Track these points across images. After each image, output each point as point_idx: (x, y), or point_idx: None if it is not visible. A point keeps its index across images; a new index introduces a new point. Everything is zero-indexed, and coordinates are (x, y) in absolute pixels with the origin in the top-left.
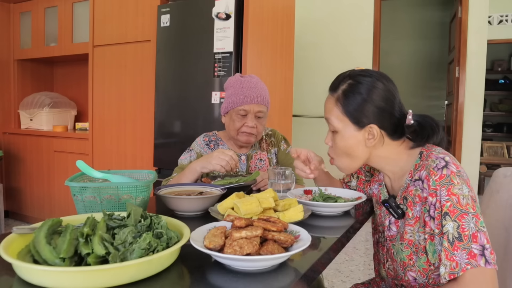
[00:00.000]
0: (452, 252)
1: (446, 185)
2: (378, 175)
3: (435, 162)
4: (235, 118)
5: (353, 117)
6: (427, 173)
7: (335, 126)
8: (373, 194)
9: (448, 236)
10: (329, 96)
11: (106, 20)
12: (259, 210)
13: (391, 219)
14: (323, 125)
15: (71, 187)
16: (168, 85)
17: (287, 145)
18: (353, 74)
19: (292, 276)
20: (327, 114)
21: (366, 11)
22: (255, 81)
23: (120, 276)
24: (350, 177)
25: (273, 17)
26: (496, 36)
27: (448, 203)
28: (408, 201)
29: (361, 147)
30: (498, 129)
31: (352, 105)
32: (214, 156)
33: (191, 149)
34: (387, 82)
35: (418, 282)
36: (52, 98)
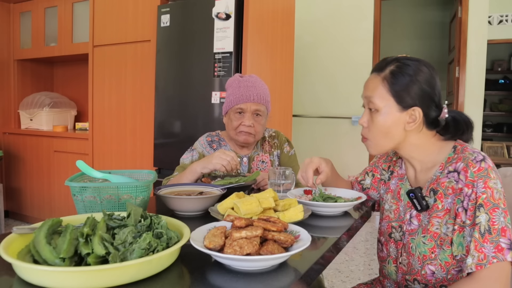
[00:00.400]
0: (482, 244)
1: (484, 178)
2: (398, 171)
3: (473, 155)
4: (232, 117)
5: (398, 97)
6: (465, 165)
7: (378, 105)
8: (390, 190)
9: (480, 228)
10: (373, 75)
11: (106, 20)
12: (259, 210)
13: (413, 212)
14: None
15: (71, 187)
16: (168, 85)
17: (290, 148)
18: (400, 58)
19: (292, 276)
20: (370, 92)
21: (366, 11)
22: (253, 80)
23: (120, 276)
24: (365, 175)
25: (273, 17)
26: (496, 36)
27: (483, 195)
28: (438, 193)
29: (400, 129)
30: (498, 129)
31: (399, 85)
32: (215, 156)
33: (194, 148)
34: (432, 70)
35: (436, 276)
36: (52, 98)
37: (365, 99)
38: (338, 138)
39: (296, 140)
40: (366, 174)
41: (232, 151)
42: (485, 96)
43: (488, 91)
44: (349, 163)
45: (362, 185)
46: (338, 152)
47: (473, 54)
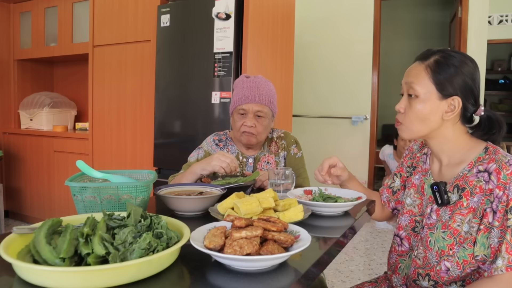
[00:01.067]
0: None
1: None
2: (422, 166)
3: (506, 157)
4: (236, 117)
5: (440, 85)
6: (498, 167)
7: (418, 91)
8: (413, 185)
9: (511, 230)
10: (417, 63)
11: (106, 20)
12: (259, 210)
13: (433, 207)
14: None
15: (71, 187)
16: (168, 85)
17: (298, 150)
18: (446, 50)
19: (292, 276)
20: (411, 78)
21: (366, 11)
22: (258, 81)
23: (120, 276)
24: (393, 177)
25: (273, 17)
26: (496, 36)
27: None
28: (464, 191)
29: (437, 117)
30: None
31: (442, 74)
32: (215, 158)
33: (200, 147)
34: (475, 65)
35: (450, 274)
36: (52, 98)
37: (405, 85)
38: (338, 138)
39: None
40: (395, 176)
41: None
42: (485, 96)
43: (488, 91)
44: (349, 163)
45: (392, 189)
46: (338, 152)
47: (473, 54)
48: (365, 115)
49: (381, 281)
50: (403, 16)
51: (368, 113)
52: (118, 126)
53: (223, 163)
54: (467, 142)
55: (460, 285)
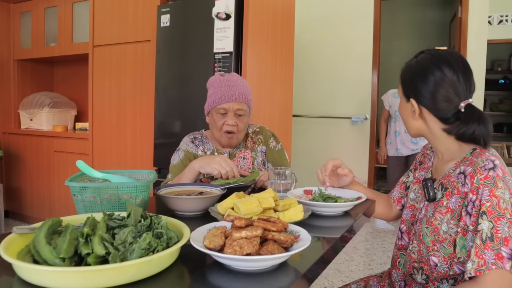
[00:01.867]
0: (482, 251)
1: (490, 186)
2: (427, 163)
3: (484, 162)
4: (215, 117)
5: (403, 89)
6: (473, 171)
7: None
8: (418, 180)
9: (481, 235)
10: None
11: (106, 20)
12: (259, 210)
13: (425, 202)
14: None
15: (71, 187)
16: (168, 85)
17: (276, 142)
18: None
19: (292, 276)
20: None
21: (366, 11)
22: (235, 79)
23: (120, 276)
24: (407, 174)
25: (273, 17)
26: (496, 36)
27: (488, 203)
28: (447, 190)
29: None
30: (498, 129)
31: (404, 77)
32: (216, 161)
33: (179, 148)
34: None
35: (438, 269)
36: (52, 98)
37: None
38: (338, 138)
39: (296, 140)
40: (410, 172)
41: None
42: (485, 96)
43: (488, 91)
44: (349, 163)
45: (405, 184)
46: (338, 152)
47: (473, 54)
48: (365, 115)
49: (385, 276)
50: (403, 16)
51: (368, 113)
52: (118, 126)
53: (223, 170)
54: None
55: (452, 284)
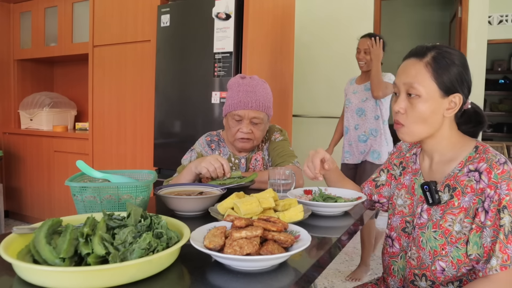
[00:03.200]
0: (506, 245)
1: (507, 180)
2: (412, 166)
3: (496, 157)
4: (231, 123)
5: (443, 84)
6: (489, 166)
7: (420, 91)
8: (404, 185)
9: (504, 229)
10: (414, 61)
11: (106, 20)
12: (259, 210)
13: (424, 206)
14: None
15: (71, 187)
16: (168, 85)
17: (280, 135)
18: (440, 46)
19: (292, 276)
20: (411, 79)
21: (366, 11)
22: (254, 84)
23: (120, 276)
24: (379, 173)
25: (273, 17)
26: (496, 36)
27: (507, 197)
28: (456, 190)
29: (439, 116)
30: (498, 129)
31: (444, 71)
32: (206, 160)
33: (193, 148)
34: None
35: (445, 274)
36: (52, 98)
37: (403, 85)
38: None
39: (296, 140)
40: (381, 171)
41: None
42: (485, 96)
43: (488, 91)
44: None
45: (376, 182)
46: (338, 152)
47: (473, 54)
48: None
49: (380, 282)
50: (403, 16)
51: None
52: (118, 126)
53: (210, 167)
54: (458, 139)
55: (458, 286)
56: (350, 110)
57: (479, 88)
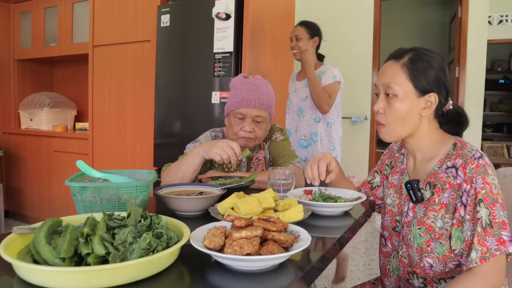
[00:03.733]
0: (484, 238)
1: (482, 174)
2: (400, 166)
3: (471, 152)
4: (233, 121)
5: (418, 84)
6: (464, 161)
7: (396, 91)
8: (392, 185)
9: (481, 222)
10: (391, 63)
11: (106, 20)
12: (259, 210)
13: (410, 205)
14: None
15: (71, 187)
16: (168, 85)
17: (281, 135)
18: (417, 48)
19: (292, 276)
20: (388, 79)
21: (366, 11)
22: (257, 83)
23: (120, 276)
24: (374, 174)
25: (273, 17)
26: (496, 36)
27: (483, 190)
28: (436, 187)
29: (416, 115)
30: (498, 129)
31: (418, 71)
32: (218, 145)
33: (197, 140)
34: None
35: (434, 270)
36: (52, 98)
37: (382, 86)
38: None
39: None
40: (376, 173)
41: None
42: (485, 96)
43: (488, 91)
44: (349, 163)
45: (371, 185)
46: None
47: (473, 54)
48: (365, 115)
49: (378, 282)
50: (403, 16)
51: (368, 113)
52: (118, 126)
53: (224, 154)
54: (439, 137)
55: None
56: (291, 111)
57: (479, 88)
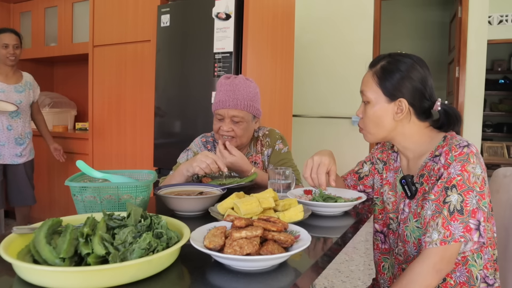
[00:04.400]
0: (449, 222)
1: (462, 162)
2: (393, 164)
3: (458, 141)
4: (214, 121)
5: (386, 90)
6: (448, 149)
7: (368, 97)
8: (388, 182)
9: (449, 206)
10: (368, 71)
11: (106, 20)
12: (259, 210)
13: (406, 201)
14: (323, 125)
15: (71, 187)
16: (168, 85)
17: (283, 145)
18: (393, 54)
19: (292, 276)
20: (363, 86)
21: (366, 11)
22: (236, 83)
23: (120, 276)
24: (362, 164)
25: (273, 17)
26: (496, 36)
27: (458, 177)
28: (424, 177)
29: (389, 119)
30: (498, 129)
31: (387, 78)
32: (197, 159)
33: (189, 148)
34: (423, 66)
35: None
36: (52, 98)
37: (360, 92)
38: (338, 138)
39: (296, 140)
40: (364, 163)
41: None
42: (485, 96)
43: (488, 91)
44: (349, 163)
45: (359, 174)
46: (338, 152)
47: (473, 54)
48: None
49: (375, 282)
50: (403, 16)
51: None
52: (118, 126)
53: (202, 164)
54: (427, 135)
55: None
56: None
57: (479, 88)
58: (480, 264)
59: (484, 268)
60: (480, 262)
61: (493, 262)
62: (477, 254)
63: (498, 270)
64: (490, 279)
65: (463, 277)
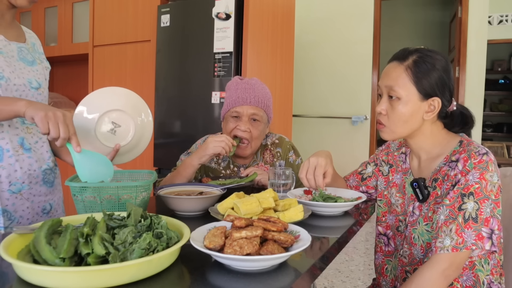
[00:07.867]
0: (463, 229)
1: (481, 169)
2: (402, 165)
3: (477, 148)
4: (228, 121)
5: (422, 88)
6: (467, 155)
7: (400, 93)
8: (394, 184)
9: (464, 214)
10: (395, 64)
11: (106, 20)
12: (259, 210)
13: (415, 204)
14: (323, 125)
15: (71, 187)
16: (168, 85)
17: (296, 156)
18: (422, 50)
19: (292, 276)
20: (391, 82)
21: (366, 11)
22: (253, 83)
23: (120, 276)
24: (366, 165)
25: (273, 17)
26: (496, 36)
27: (476, 185)
28: (438, 181)
29: (419, 117)
30: (498, 129)
31: (424, 76)
32: (209, 142)
33: (189, 151)
34: (448, 60)
35: None
36: (52, 98)
37: (385, 88)
38: (338, 138)
39: (296, 140)
40: (368, 165)
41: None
42: (485, 96)
43: (488, 91)
44: (349, 163)
45: (362, 175)
46: (338, 152)
47: (473, 54)
48: (365, 115)
49: (375, 283)
50: (403, 16)
51: (368, 113)
52: None
53: (222, 143)
54: (444, 137)
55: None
56: None
57: (479, 88)
58: (487, 270)
59: (490, 274)
60: (487, 267)
61: (500, 267)
62: (484, 259)
63: (504, 276)
64: (495, 285)
65: (470, 281)
